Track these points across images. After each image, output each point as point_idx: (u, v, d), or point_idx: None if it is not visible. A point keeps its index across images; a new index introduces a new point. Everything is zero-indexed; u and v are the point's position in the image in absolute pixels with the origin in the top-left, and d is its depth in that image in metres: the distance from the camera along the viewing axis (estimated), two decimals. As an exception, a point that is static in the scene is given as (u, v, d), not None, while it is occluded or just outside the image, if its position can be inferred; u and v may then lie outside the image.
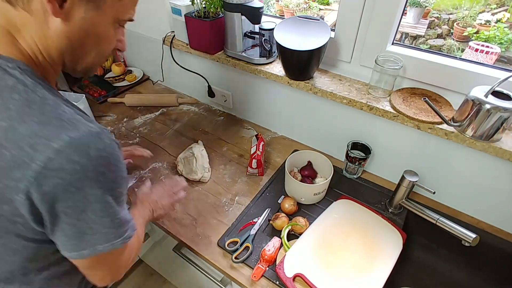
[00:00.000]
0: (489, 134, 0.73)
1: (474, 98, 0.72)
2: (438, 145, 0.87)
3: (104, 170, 0.45)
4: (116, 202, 0.49)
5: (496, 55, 2.72)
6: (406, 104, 0.84)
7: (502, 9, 3.10)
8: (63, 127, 0.41)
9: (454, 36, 3.23)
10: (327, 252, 0.79)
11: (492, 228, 0.90)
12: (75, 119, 0.44)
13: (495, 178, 0.83)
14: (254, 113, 1.26)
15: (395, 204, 0.91)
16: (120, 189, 0.50)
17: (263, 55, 1.04)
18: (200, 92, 1.37)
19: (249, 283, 0.77)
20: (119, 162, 0.48)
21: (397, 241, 0.82)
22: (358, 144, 0.99)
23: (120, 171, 0.48)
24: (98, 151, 0.43)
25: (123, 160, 0.50)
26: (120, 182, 0.49)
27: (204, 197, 0.98)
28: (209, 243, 0.86)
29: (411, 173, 0.86)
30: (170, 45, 1.22)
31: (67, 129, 0.42)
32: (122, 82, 1.51)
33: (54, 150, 0.40)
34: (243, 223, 0.90)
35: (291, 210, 0.91)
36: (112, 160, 0.46)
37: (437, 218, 0.82)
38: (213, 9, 1.04)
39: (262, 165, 1.02)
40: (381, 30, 0.85)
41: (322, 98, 0.98)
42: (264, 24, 1.02)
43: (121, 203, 0.51)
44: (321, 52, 0.90)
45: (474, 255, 0.90)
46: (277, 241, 0.82)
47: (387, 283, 0.73)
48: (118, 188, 0.49)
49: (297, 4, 3.28)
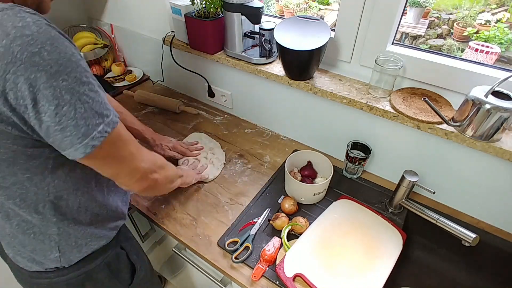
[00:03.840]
0: (489, 134, 0.73)
1: (474, 98, 0.72)
2: (438, 145, 0.87)
3: (35, 50, 0.39)
4: (74, 90, 0.43)
5: (496, 55, 2.72)
6: (406, 104, 0.84)
7: (502, 9, 3.10)
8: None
9: (454, 36, 3.23)
10: (327, 252, 0.79)
11: (492, 228, 0.90)
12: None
13: (495, 178, 0.83)
14: (254, 113, 1.26)
15: (395, 204, 0.91)
16: (75, 73, 0.43)
17: (263, 55, 1.04)
18: (200, 92, 1.37)
19: (249, 283, 0.77)
20: (57, 42, 0.42)
21: (397, 241, 0.82)
22: (358, 144, 0.99)
23: (63, 51, 0.42)
24: (18, 28, 0.39)
25: (67, 43, 0.44)
26: (69, 64, 0.43)
27: (204, 197, 0.98)
28: (209, 243, 0.86)
29: (411, 173, 0.86)
30: (170, 45, 1.22)
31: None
32: (122, 82, 1.51)
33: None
34: (243, 223, 0.90)
35: (291, 210, 0.91)
36: (42, 38, 0.40)
37: (437, 218, 0.82)
38: (213, 9, 1.04)
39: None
40: (381, 30, 0.85)
41: (322, 98, 0.98)
42: (264, 24, 1.02)
43: (84, 92, 0.45)
44: (321, 52, 0.90)
45: (474, 255, 0.90)
46: (277, 241, 0.82)
47: (387, 283, 0.73)
48: (70, 71, 0.43)
49: (297, 4, 3.28)
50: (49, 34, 0.41)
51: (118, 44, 1.57)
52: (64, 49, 0.42)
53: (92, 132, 0.46)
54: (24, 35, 0.39)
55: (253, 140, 1.20)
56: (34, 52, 0.39)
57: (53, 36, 0.41)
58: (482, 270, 0.91)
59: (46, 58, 0.40)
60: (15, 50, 0.38)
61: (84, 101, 0.45)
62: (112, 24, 1.50)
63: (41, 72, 0.40)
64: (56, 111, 0.42)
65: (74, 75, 0.43)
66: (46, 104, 0.42)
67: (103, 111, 0.48)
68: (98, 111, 0.47)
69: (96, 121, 0.47)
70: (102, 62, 1.55)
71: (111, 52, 1.57)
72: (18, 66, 0.39)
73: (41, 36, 0.40)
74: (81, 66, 0.45)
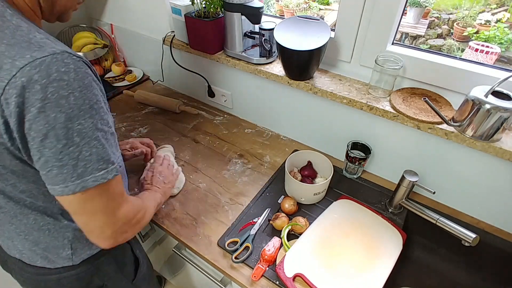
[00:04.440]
0: (489, 134, 0.73)
1: (474, 98, 0.72)
2: (438, 145, 0.87)
3: (65, 94, 0.44)
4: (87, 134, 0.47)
5: (496, 55, 2.72)
6: (406, 104, 0.84)
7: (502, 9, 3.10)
8: (29, 48, 0.43)
9: (454, 36, 3.23)
10: (327, 252, 0.79)
11: (492, 228, 0.90)
12: (43, 42, 0.45)
13: (495, 178, 0.83)
14: (254, 113, 1.26)
15: (395, 204, 0.91)
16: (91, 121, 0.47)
17: (263, 55, 1.04)
18: (200, 92, 1.37)
19: (249, 283, 0.77)
20: (87, 90, 0.46)
21: (397, 241, 0.82)
22: (358, 144, 0.99)
23: (88, 98, 0.46)
24: (60, 73, 0.43)
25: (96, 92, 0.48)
26: (88, 112, 0.46)
27: (204, 197, 0.98)
28: (209, 243, 0.86)
29: (411, 173, 0.86)
30: (170, 45, 1.22)
31: (32, 50, 0.43)
32: (122, 82, 1.51)
33: (18, 68, 0.42)
34: (243, 223, 0.90)
35: (291, 210, 0.91)
36: (76, 86, 0.45)
37: (437, 218, 0.82)
38: (213, 9, 1.04)
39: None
40: (381, 30, 0.85)
41: (322, 98, 0.98)
42: (264, 24, 1.02)
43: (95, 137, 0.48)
44: (321, 52, 0.90)
45: (474, 255, 0.90)
46: (277, 241, 0.82)
47: (387, 283, 0.73)
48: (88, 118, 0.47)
49: (297, 4, 3.28)
50: (82, 82, 0.45)
51: (118, 44, 1.57)
52: (90, 96, 0.47)
53: (89, 175, 0.48)
54: (61, 80, 0.43)
55: (253, 140, 1.20)
56: (63, 95, 0.44)
57: (85, 84, 0.46)
58: (482, 270, 0.91)
59: (72, 102, 0.44)
60: (49, 90, 0.43)
61: (93, 146, 0.48)
62: (112, 24, 1.50)
63: (62, 113, 0.44)
64: (62, 149, 0.45)
65: (91, 121, 0.47)
66: (54, 141, 0.45)
67: (109, 158, 0.50)
68: (105, 157, 0.50)
69: (97, 166, 0.49)
70: (102, 62, 1.55)
71: (111, 52, 1.57)
72: (45, 104, 0.43)
73: (75, 83, 0.44)
74: (99, 113, 0.48)
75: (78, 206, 0.52)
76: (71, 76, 0.44)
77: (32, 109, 0.43)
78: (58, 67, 0.43)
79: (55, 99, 0.43)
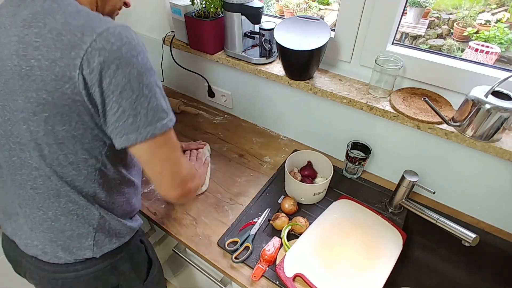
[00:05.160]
0: (489, 134, 0.73)
1: (474, 98, 0.72)
2: (438, 145, 0.87)
3: (135, 54, 0.54)
4: (151, 88, 0.56)
5: (496, 55, 2.72)
6: (406, 104, 0.84)
7: (502, 9, 3.10)
8: (102, 21, 0.54)
9: (454, 36, 3.23)
10: (327, 252, 0.79)
11: (492, 228, 0.90)
12: (111, 20, 0.56)
13: (495, 178, 0.83)
14: (254, 113, 1.26)
15: (395, 204, 0.91)
16: (154, 79, 0.57)
17: (263, 55, 1.04)
18: (200, 92, 1.37)
19: (249, 283, 0.77)
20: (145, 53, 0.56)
21: (397, 241, 0.82)
22: (358, 144, 0.99)
23: (149, 62, 0.56)
24: (128, 38, 0.54)
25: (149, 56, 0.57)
26: (150, 71, 0.56)
27: (204, 197, 0.98)
28: (209, 243, 0.86)
29: (411, 173, 0.86)
30: (170, 45, 1.22)
31: (106, 22, 0.53)
32: (122, 82, 1.51)
33: (97, 34, 0.51)
34: (243, 223, 0.90)
35: (291, 210, 0.91)
36: (139, 49, 0.55)
37: (437, 218, 0.82)
38: (213, 9, 1.04)
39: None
40: (381, 30, 0.85)
41: (322, 98, 0.98)
42: (264, 24, 1.02)
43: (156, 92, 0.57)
44: (321, 52, 0.90)
45: (474, 255, 0.90)
46: (277, 241, 0.82)
47: (387, 283, 0.73)
48: (151, 75, 0.56)
49: (297, 4, 3.28)
50: (142, 47, 0.56)
51: (118, 44, 1.57)
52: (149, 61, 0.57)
53: (156, 122, 0.57)
54: (130, 43, 0.54)
55: (253, 140, 1.20)
56: (134, 55, 0.53)
57: (145, 51, 0.57)
58: (482, 270, 0.91)
59: (140, 61, 0.54)
60: (123, 50, 0.52)
61: (157, 98, 0.57)
62: (112, 24, 1.50)
63: (135, 69, 0.53)
64: (136, 99, 0.54)
65: (154, 78, 0.57)
66: (130, 92, 0.53)
67: (167, 110, 0.59)
68: (165, 108, 0.59)
69: (161, 115, 0.57)
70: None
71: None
72: (121, 61, 0.52)
73: (139, 47, 0.55)
74: (156, 74, 0.59)
75: (150, 154, 0.59)
76: (136, 41, 0.55)
77: (112, 65, 0.51)
78: (127, 34, 0.54)
79: (128, 57, 0.52)
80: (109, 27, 0.53)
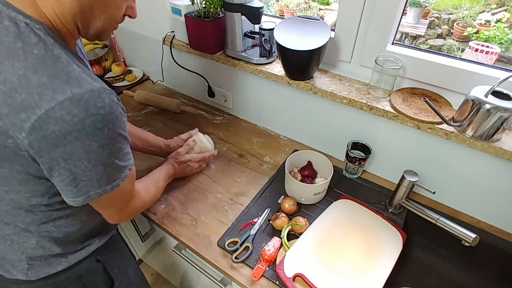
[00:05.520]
0: (489, 134, 0.73)
1: (474, 98, 0.72)
2: (438, 145, 0.87)
3: (100, 126, 0.49)
4: (112, 155, 0.54)
5: (496, 55, 2.73)
6: (406, 104, 0.84)
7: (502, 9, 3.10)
8: (69, 82, 0.47)
9: (454, 36, 3.23)
10: (327, 252, 0.79)
11: (492, 228, 0.90)
12: (81, 77, 0.48)
13: (495, 178, 0.83)
14: (254, 113, 1.26)
15: (395, 204, 0.91)
16: (119, 145, 0.54)
17: (263, 55, 1.04)
18: (200, 92, 1.37)
19: (249, 283, 0.77)
20: (118, 120, 0.52)
21: (397, 241, 0.82)
22: (358, 144, 0.99)
23: (118, 129, 0.52)
24: (97, 108, 0.48)
25: (123, 119, 0.54)
26: (117, 139, 0.53)
27: (204, 197, 0.98)
28: (209, 243, 0.86)
29: (411, 173, 0.86)
30: (170, 45, 1.22)
31: (72, 85, 0.47)
32: (122, 82, 1.51)
33: (57, 101, 0.45)
34: (243, 223, 0.90)
35: (291, 210, 0.91)
36: (110, 118, 0.50)
37: (437, 218, 0.82)
38: (213, 9, 1.04)
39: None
40: (381, 30, 0.85)
41: (322, 98, 0.98)
42: (264, 24, 1.02)
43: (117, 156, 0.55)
44: (321, 52, 0.90)
45: (474, 255, 0.90)
46: (277, 241, 0.82)
47: (387, 283, 0.73)
48: (116, 143, 0.53)
49: (297, 4, 3.28)
50: (114, 114, 0.51)
51: (118, 44, 1.57)
52: (120, 125, 0.53)
53: (108, 184, 0.55)
54: (99, 114, 0.48)
55: (253, 140, 1.20)
56: (99, 127, 0.49)
57: (117, 116, 0.52)
58: (482, 270, 0.91)
59: (105, 133, 0.50)
60: (87, 123, 0.47)
61: (115, 164, 0.55)
62: (112, 24, 1.50)
63: (96, 142, 0.49)
64: (91, 168, 0.51)
65: (118, 146, 0.54)
66: (85, 162, 0.50)
67: (124, 168, 0.57)
68: (121, 168, 0.57)
69: (115, 176, 0.56)
70: (102, 62, 1.55)
71: (111, 52, 1.57)
72: (82, 134, 0.47)
73: (109, 116, 0.50)
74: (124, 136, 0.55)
75: (96, 206, 0.61)
76: (106, 110, 0.49)
77: (68, 136, 0.47)
78: (95, 103, 0.48)
79: (91, 130, 0.48)
80: (75, 94, 0.46)
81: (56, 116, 0.45)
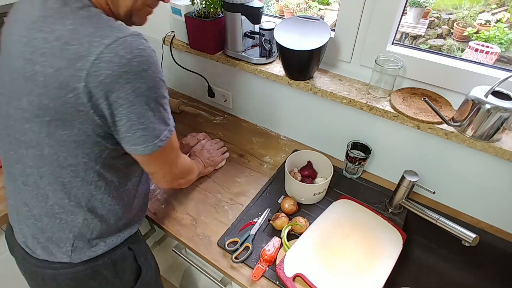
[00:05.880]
0: (489, 134, 0.73)
1: (474, 98, 0.72)
2: (438, 145, 0.87)
3: (146, 68, 0.53)
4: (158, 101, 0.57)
5: (496, 55, 2.73)
6: (406, 104, 0.84)
7: (502, 9, 3.10)
8: (112, 30, 0.52)
9: (454, 36, 3.23)
10: (327, 252, 0.79)
11: (492, 228, 0.90)
12: (123, 26, 0.54)
13: (495, 178, 0.83)
14: (254, 113, 1.26)
15: (395, 204, 0.91)
16: (162, 91, 0.58)
17: (263, 55, 1.04)
18: (200, 92, 1.37)
19: (249, 283, 0.77)
20: (158, 65, 0.56)
21: (397, 241, 0.82)
22: (358, 144, 0.99)
23: (159, 72, 0.56)
24: (139, 50, 0.52)
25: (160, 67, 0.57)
26: (160, 83, 0.57)
27: (204, 197, 0.98)
28: (209, 243, 0.86)
29: (411, 173, 0.86)
30: (170, 45, 1.22)
31: (115, 31, 0.52)
32: (122, 82, 1.51)
33: (105, 45, 0.50)
34: (243, 223, 0.90)
35: (291, 210, 0.91)
36: (152, 61, 0.54)
37: (437, 218, 0.82)
38: (213, 9, 1.04)
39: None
40: (381, 30, 0.85)
41: (322, 98, 0.98)
42: (264, 24, 1.02)
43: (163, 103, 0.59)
44: (321, 52, 0.90)
45: (474, 255, 0.90)
46: (277, 241, 0.82)
47: (387, 283, 0.73)
48: (160, 88, 0.57)
49: (297, 4, 3.28)
50: (154, 59, 0.55)
51: (118, 44, 1.57)
52: (160, 71, 0.57)
53: (161, 135, 0.59)
54: (142, 56, 0.52)
55: (253, 140, 1.20)
56: (144, 68, 0.53)
57: (156, 61, 0.56)
58: (482, 270, 0.91)
59: (150, 75, 0.54)
60: (133, 64, 0.51)
61: (162, 111, 0.59)
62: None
63: (144, 84, 0.53)
64: (144, 114, 0.55)
65: (161, 92, 0.58)
66: (139, 107, 0.54)
67: (168, 120, 0.62)
68: (166, 120, 0.61)
69: (163, 127, 0.60)
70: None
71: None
72: (130, 75, 0.51)
73: (151, 59, 0.54)
74: (165, 85, 0.59)
75: (150, 160, 0.63)
76: (148, 52, 0.54)
77: (120, 79, 0.50)
78: (138, 45, 0.52)
79: (138, 71, 0.52)
80: (119, 37, 0.51)
81: (106, 59, 0.49)
